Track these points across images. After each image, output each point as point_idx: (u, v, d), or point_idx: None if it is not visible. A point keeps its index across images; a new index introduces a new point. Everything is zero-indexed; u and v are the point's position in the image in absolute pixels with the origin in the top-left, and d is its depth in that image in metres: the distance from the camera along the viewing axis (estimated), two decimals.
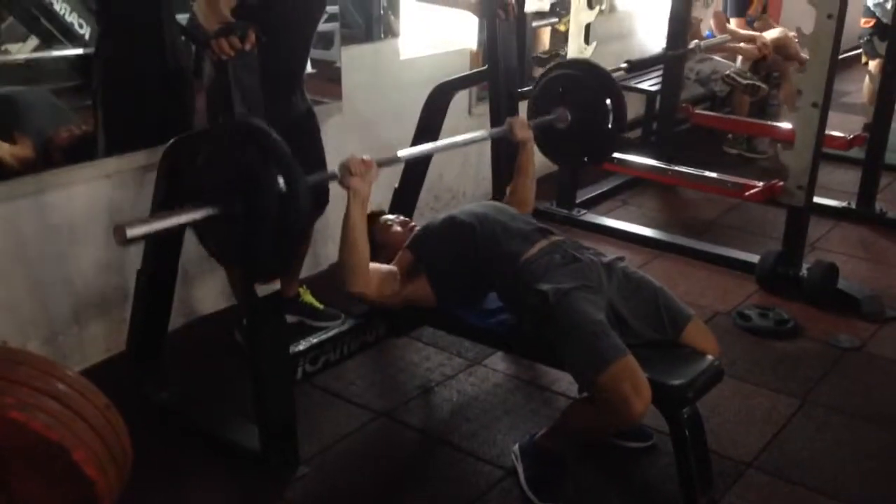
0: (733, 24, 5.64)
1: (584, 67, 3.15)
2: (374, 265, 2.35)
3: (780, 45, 5.65)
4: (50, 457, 1.76)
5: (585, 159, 3.27)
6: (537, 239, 2.44)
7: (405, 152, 2.52)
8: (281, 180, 1.94)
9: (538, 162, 2.96)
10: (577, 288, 2.25)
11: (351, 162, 2.20)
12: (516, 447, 2.46)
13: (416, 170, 3.39)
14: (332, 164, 3.04)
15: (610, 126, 3.04)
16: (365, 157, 2.22)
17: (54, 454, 1.75)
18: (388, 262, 2.48)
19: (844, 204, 4.48)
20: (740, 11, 5.69)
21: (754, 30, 5.75)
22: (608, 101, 3.02)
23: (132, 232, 1.86)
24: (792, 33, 5.08)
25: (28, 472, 1.79)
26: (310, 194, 1.99)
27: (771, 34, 5.68)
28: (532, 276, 2.32)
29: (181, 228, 2.00)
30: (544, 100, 3.11)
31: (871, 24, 5.40)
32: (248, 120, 2.10)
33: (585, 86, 3.04)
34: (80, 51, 2.77)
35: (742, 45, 5.55)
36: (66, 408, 1.78)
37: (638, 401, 2.07)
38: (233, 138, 2.05)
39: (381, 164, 2.31)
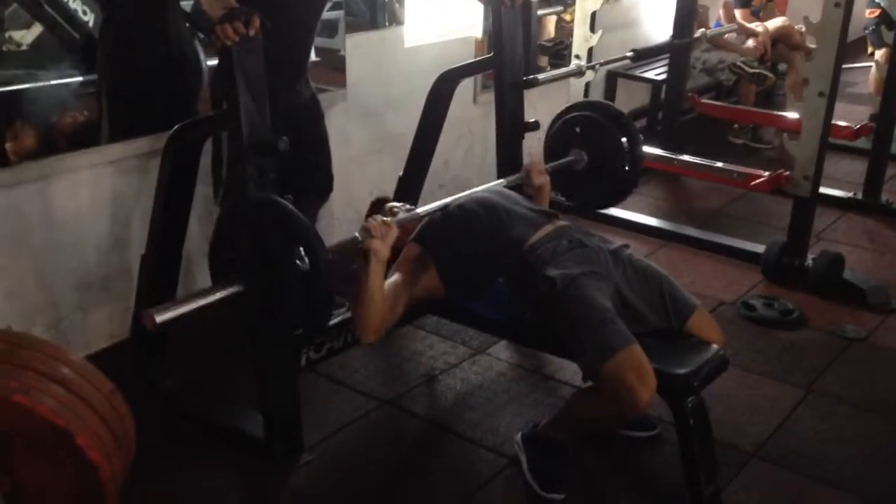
0: (738, 15, 5.61)
1: (600, 108, 3.14)
2: (386, 289, 2.27)
3: (782, 35, 5.62)
4: (54, 441, 1.76)
5: (602, 201, 3.31)
6: (543, 223, 2.43)
7: (425, 209, 2.51)
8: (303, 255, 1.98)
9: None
10: (584, 274, 2.25)
11: (372, 224, 2.18)
12: (519, 436, 2.45)
13: (420, 158, 3.37)
14: (336, 153, 3.08)
15: (627, 168, 3.03)
16: (385, 219, 2.22)
17: (58, 438, 1.75)
18: (392, 252, 2.44)
19: (850, 194, 4.47)
20: (744, 2, 5.66)
21: (760, 20, 5.72)
22: (624, 142, 3.00)
23: (161, 318, 1.94)
24: (798, 25, 5.05)
25: (32, 456, 1.80)
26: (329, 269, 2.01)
27: (773, 23, 5.65)
28: (539, 260, 2.31)
29: (209, 308, 2.08)
30: (560, 141, 3.10)
31: (877, 14, 5.38)
32: (268, 196, 2.14)
33: (601, 127, 3.02)
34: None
35: (744, 45, 5.53)
36: (70, 392, 1.78)
37: (643, 390, 2.06)
38: (251, 216, 2.10)
39: (401, 223, 2.31)
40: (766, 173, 3.69)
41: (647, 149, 4.26)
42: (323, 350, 2.61)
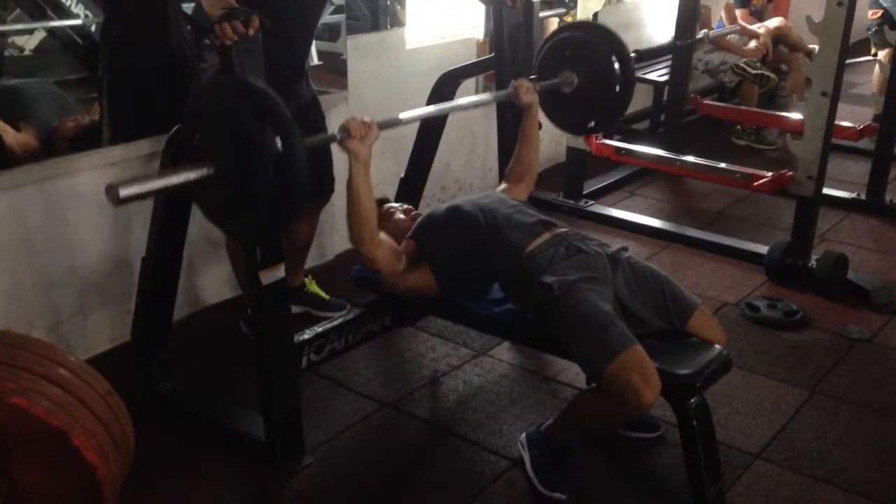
0: (738, 15, 5.61)
1: (592, 29, 3.07)
2: (382, 235, 2.36)
3: (780, 35, 5.61)
4: (51, 442, 1.75)
5: (591, 124, 3.21)
6: (541, 231, 2.42)
7: (408, 114, 2.47)
8: (279, 141, 1.91)
9: (544, 154, 2.92)
10: (582, 279, 2.23)
11: (351, 124, 2.18)
12: (523, 436, 2.44)
13: (422, 159, 3.37)
14: (337, 155, 3.05)
15: (618, 90, 2.96)
16: (365, 118, 2.20)
17: (55, 440, 1.74)
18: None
19: (854, 195, 4.45)
20: (744, 2, 5.65)
21: (761, 20, 5.71)
22: (616, 64, 2.93)
23: (125, 192, 1.82)
24: (788, 23, 5.06)
25: (29, 457, 1.79)
26: (308, 157, 1.94)
27: (771, 23, 5.64)
28: (537, 268, 2.30)
29: (179, 188, 1.95)
30: (550, 62, 3.03)
31: (879, 14, 5.37)
32: (246, 77, 2.06)
33: (593, 48, 2.95)
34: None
35: (746, 46, 5.52)
36: (67, 393, 1.77)
37: (647, 390, 2.05)
38: (228, 95, 2.01)
39: (383, 126, 2.29)
40: (770, 174, 3.67)
41: (650, 150, 4.29)
42: (324, 352, 2.60)
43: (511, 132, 3.00)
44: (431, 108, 2.75)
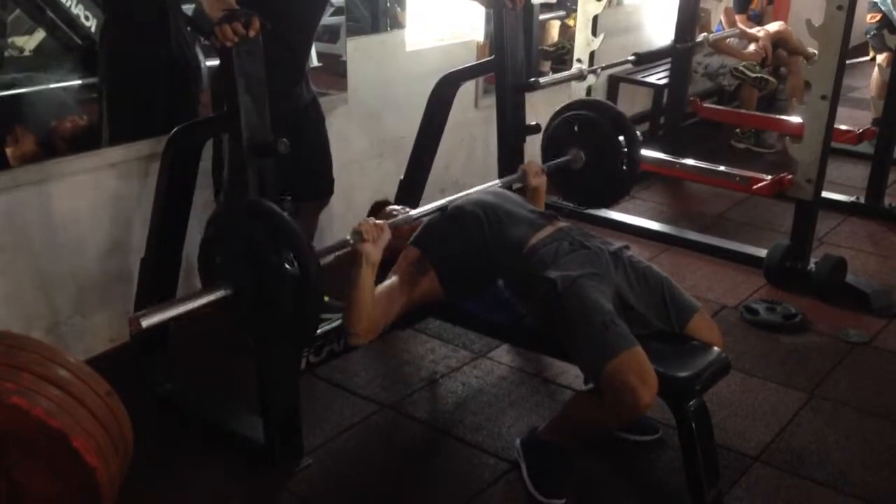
0: (737, 20, 5.61)
1: (598, 107, 3.13)
2: (378, 292, 2.27)
3: (780, 39, 5.62)
4: (50, 443, 1.75)
5: (600, 200, 3.30)
6: (543, 225, 2.42)
7: (419, 211, 2.50)
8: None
9: None
10: (585, 275, 2.23)
11: (364, 226, 2.15)
12: (518, 443, 2.44)
13: (421, 161, 3.37)
14: (337, 156, 3.07)
15: (625, 167, 3.01)
16: (378, 221, 2.19)
17: (55, 441, 1.74)
18: (390, 255, 2.43)
19: (853, 199, 4.46)
20: (742, 8, 5.67)
21: (760, 24, 5.72)
22: (622, 142, 2.99)
23: (147, 322, 1.85)
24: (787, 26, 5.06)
25: (28, 458, 1.79)
26: (322, 273, 1.97)
27: (771, 27, 5.65)
28: (540, 262, 2.30)
29: (199, 310, 2.01)
30: (557, 141, 3.08)
31: (878, 18, 5.39)
32: (257, 199, 2.11)
33: (599, 126, 3.01)
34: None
35: (745, 50, 5.52)
36: (67, 394, 1.77)
37: (645, 391, 2.05)
38: (240, 216, 2.06)
39: (394, 226, 2.29)
40: (769, 177, 3.68)
41: (649, 153, 4.28)
42: (323, 353, 2.60)
43: (514, 155, 3.03)
44: (442, 202, 2.60)
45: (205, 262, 2.11)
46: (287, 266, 1.93)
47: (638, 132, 3.06)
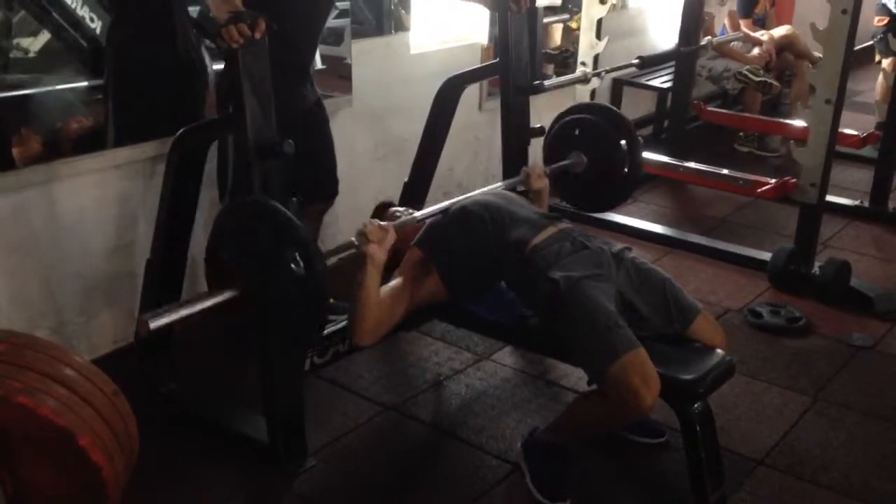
0: (741, 24, 5.62)
1: (599, 110, 3.13)
2: (383, 293, 2.27)
3: (787, 43, 5.62)
4: (57, 442, 1.75)
5: (603, 204, 3.30)
6: (545, 225, 2.43)
7: (423, 213, 2.51)
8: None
9: None
10: (588, 276, 2.24)
11: (368, 228, 2.17)
12: (521, 444, 2.43)
13: (426, 164, 3.37)
14: (341, 158, 3.08)
15: (626, 170, 3.02)
16: (382, 223, 2.20)
17: (61, 439, 1.74)
18: (394, 257, 2.43)
19: (857, 202, 4.46)
20: (747, 12, 5.67)
21: (764, 28, 5.72)
22: (624, 145, 3.00)
23: (155, 323, 1.86)
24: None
25: (35, 456, 1.79)
26: (325, 274, 1.98)
27: (778, 32, 5.65)
28: (543, 262, 2.30)
29: (205, 311, 2.01)
30: (559, 144, 3.09)
31: (885, 22, 5.37)
32: (260, 198, 2.12)
33: (601, 129, 3.02)
34: None
35: (749, 53, 5.53)
36: (73, 393, 1.78)
37: (647, 393, 2.05)
38: (249, 218, 2.06)
39: (399, 228, 2.30)
40: (773, 181, 3.67)
41: (652, 156, 4.29)
42: (328, 354, 2.60)
43: (518, 156, 3.03)
44: (448, 204, 2.62)
45: (211, 263, 2.11)
46: (294, 267, 1.93)
47: (640, 135, 3.07)
